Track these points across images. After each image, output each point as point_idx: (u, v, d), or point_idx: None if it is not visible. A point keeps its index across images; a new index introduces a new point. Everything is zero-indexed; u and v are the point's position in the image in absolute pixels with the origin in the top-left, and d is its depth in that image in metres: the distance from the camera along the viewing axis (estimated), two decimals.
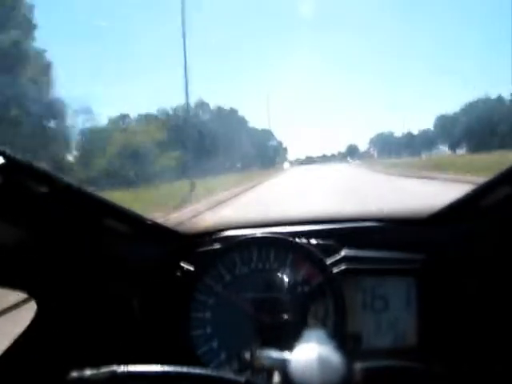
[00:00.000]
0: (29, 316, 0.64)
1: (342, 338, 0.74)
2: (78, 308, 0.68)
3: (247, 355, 0.52)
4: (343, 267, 0.80)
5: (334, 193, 8.97)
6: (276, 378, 0.47)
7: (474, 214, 0.74)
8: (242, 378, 0.47)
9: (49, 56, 13.36)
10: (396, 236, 0.87)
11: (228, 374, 0.50)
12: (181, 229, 0.89)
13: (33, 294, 0.63)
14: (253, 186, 13.84)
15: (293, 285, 0.80)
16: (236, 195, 10.70)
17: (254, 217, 1.01)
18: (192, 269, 0.82)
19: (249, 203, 8.78)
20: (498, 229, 0.72)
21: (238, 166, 25.33)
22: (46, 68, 13.18)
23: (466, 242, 0.78)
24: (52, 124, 12.99)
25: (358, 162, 39.47)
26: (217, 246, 0.85)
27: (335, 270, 0.79)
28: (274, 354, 0.49)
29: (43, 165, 0.51)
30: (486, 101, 27.83)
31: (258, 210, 6.86)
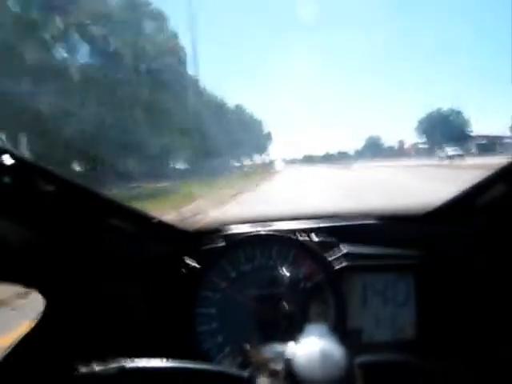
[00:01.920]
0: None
1: (343, 333, 0.75)
2: (85, 305, 0.69)
3: (251, 350, 0.54)
4: (344, 264, 0.81)
5: None
6: (279, 372, 0.48)
7: (470, 211, 0.75)
8: (245, 373, 0.48)
9: None
10: (395, 233, 0.88)
11: (231, 370, 0.52)
12: (185, 226, 0.90)
13: (42, 291, 0.64)
14: None
15: (295, 281, 0.81)
16: None
17: (256, 213, 1.02)
18: (197, 265, 0.84)
19: None
20: (494, 226, 0.73)
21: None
22: None
23: (462, 239, 0.79)
24: None
25: None
26: (221, 243, 0.86)
27: (336, 267, 0.80)
28: (277, 348, 0.51)
29: None
30: None
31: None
